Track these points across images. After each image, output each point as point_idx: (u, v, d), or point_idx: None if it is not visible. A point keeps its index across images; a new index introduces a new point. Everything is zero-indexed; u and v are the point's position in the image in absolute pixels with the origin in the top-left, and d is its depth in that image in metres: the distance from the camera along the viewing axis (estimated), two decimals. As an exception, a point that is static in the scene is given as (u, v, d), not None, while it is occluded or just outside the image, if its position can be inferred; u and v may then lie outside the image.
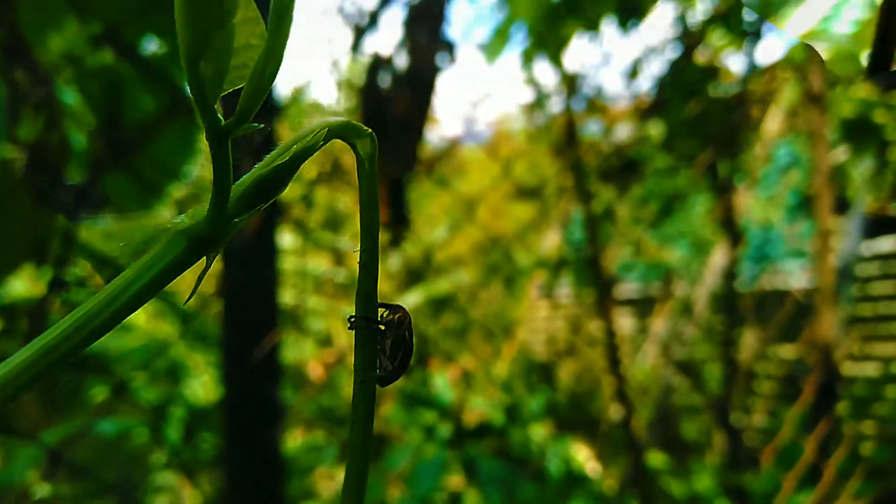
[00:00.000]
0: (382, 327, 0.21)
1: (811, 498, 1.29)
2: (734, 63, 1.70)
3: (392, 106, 0.84)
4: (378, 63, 0.89)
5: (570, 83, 1.52)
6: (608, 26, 1.41)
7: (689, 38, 1.49)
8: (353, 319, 0.21)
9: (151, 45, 0.81)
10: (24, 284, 1.05)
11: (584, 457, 1.72)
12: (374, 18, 0.91)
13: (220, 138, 0.18)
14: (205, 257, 0.19)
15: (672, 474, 1.69)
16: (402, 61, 0.89)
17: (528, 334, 2.51)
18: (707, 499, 1.58)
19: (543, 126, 1.89)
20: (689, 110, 1.39)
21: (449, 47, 0.89)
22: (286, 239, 1.62)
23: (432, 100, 0.88)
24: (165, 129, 0.75)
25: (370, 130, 0.20)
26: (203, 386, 1.50)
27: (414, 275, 1.76)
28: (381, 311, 0.21)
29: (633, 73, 1.67)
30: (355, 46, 0.88)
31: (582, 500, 1.12)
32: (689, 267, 2.16)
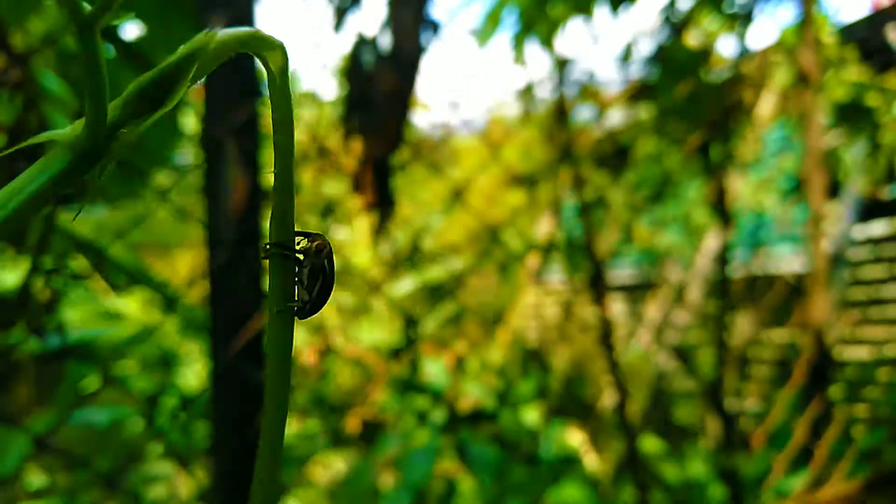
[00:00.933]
0: (300, 256, 0.20)
1: (803, 479, 1.30)
2: (726, 48, 1.69)
3: (376, 86, 0.83)
4: (362, 43, 0.88)
5: (562, 67, 1.51)
6: (600, 9, 1.40)
7: (679, 20, 1.49)
8: (267, 247, 0.20)
9: (133, 28, 0.80)
10: (13, 276, 1.04)
11: (577, 442, 1.72)
12: (356, -2, 0.90)
13: (86, 28, 0.16)
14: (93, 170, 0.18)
15: (666, 459, 1.69)
16: (386, 41, 0.89)
17: (521, 321, 2.51)
18: (701, 484, 1.59)
19: (536, 112, 1.88)
20: (680, 91, 1.39)
21: (433, 27, 0.88)
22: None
23: (417, 80, 0.88)
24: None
25: (281, 42, 0.19)
26: (196, 375, 1.49)
27: (405, 261, 1.75)
28: (298, 239, 0.20)
29: (625, 56, 1.66)
30: (338, 26, 0.87)
31: (573, 482, 1.13)
32: (682, 252, 2.16)
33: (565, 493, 1.07)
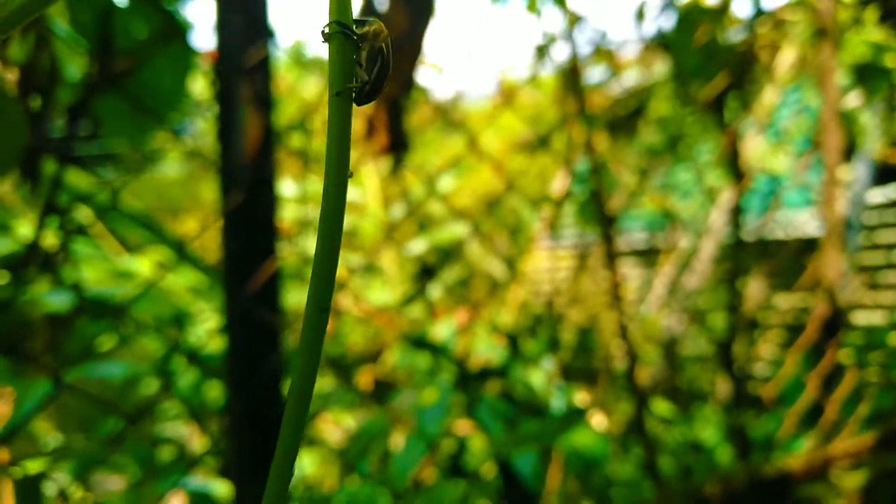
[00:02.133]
0: (357, 39, 0.20)
1: (813, 436, 1.30)
2: (742, 8, 1.66)
3: (389, 25, 0.82)
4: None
5: (574, 24, 1.49)
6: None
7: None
8: (326, 29, 0.19)
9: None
10: (27, 230, 1.05)
11: (586, 404, 1.73)
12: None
13: None
14: None
15: (676, 422, 1.70)
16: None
17: (533, 285, 2.51)
18: (709, 448, 1.59)
19: (549, 72, 1.86)
20: (697, 43, 1.37)
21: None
22: (288, 186, 1.61)
23: (430, 21, 0.87)
24: (159, 55, 0.74)
25: None
26: (209, 334, 1.50)
27: (416, 222, 1.75)
28: (355, 26, 0.20)
29: (639, 15, 1.63)
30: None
31: (581, 433, 1.13)
32: (695, 216, 2.14)
33: (577, 439, 1.07)
